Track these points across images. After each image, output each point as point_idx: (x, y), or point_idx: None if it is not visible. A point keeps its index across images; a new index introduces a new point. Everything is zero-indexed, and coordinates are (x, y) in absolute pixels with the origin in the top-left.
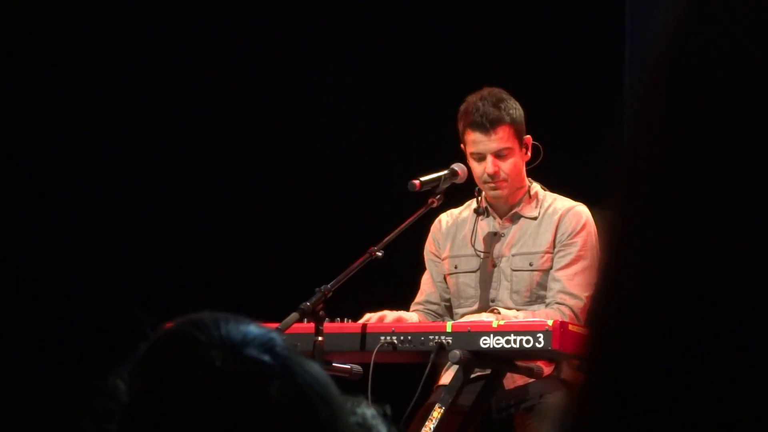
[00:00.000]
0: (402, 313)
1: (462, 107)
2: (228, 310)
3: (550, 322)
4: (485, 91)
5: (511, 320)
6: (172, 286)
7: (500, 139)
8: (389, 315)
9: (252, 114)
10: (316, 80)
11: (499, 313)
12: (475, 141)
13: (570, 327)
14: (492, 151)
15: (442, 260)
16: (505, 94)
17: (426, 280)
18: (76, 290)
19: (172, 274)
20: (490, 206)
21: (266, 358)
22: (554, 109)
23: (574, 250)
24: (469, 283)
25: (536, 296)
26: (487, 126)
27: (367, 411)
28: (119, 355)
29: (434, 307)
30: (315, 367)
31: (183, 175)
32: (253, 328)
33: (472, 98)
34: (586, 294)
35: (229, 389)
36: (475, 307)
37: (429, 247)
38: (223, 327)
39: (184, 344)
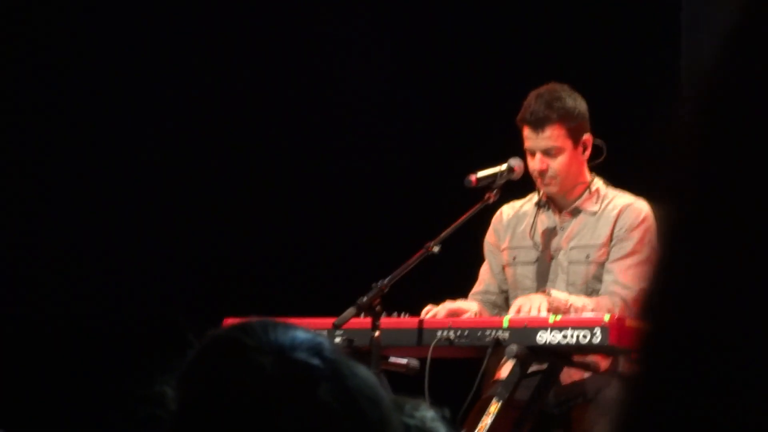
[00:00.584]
0: (461, 303)
1: (524, 101)
2: (286, 307)
3: (606, 318)
4: (545, 88)
5: (561, 304)
6: (230, 283)
7: (548, 138)
8: (447, 306)
9: (309, 106)
10: (375, 72)
11: (549, 294)
12: (527, 137)
13: (627, 322)
14: (540, 149)
15: (501, 251)
16: (566, 92)
17: (485, 271)
18: (114, 291)
19: (230, 272)
20: (551, 200)
21: (315, 361)
22: (618, 108)
23: (630, 244)
24: (526, 274)
25: (592, 289)
26: (537, 123)
27: (427, 414)
28: (164, 361)
29: (492, 297)
30: (364, 371)
31: (235, 169)
32: (301, 333)
33: (532, 93)
34: (639, 287)
35: (279, 393)
36: None
37: (489, 238)
38: (272, 332)
39: (234, 349)
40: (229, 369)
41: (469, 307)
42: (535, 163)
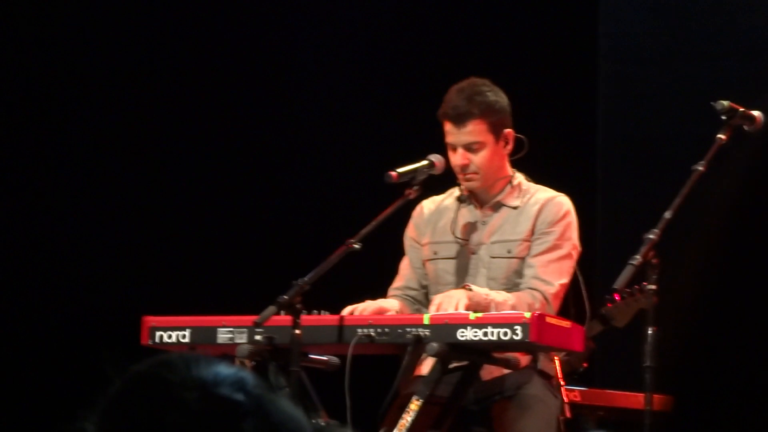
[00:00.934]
0: (381, 302)
1: (445, 96)
2: (207, 305)
3: (527, 315)
4: (466, 83)
5: (481, 299)
6: (149, 282)
7: (470, 133)
8: (369, 306)
9: (231, 108)
10: (294, 72)
11: (470, 289)
12: (448, 132)
13: (547, 319)
14: (462, 143)
15: (422, 246)
16: (487, 86)
17: (405, 266)
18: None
19: (148, 271)
20: (473, 195)
21: (239, 396)
22: (533, 102)
23: (551, 239)
24: (447, 269)
25: (513, 284)
26: (458, 118)
27: None
28: (84, 397)
29: (413, 293)
30: (288, 405)
31: (160, 169)
32: (224, 368)
33: (453, 88)
34: (560, 281)
35: (203, 429)
36: None
37: (409, 232)
38: (194, 367)
39: (157, 386)
40: (153, 405)
41: (390, 306)
42: (456, 158)
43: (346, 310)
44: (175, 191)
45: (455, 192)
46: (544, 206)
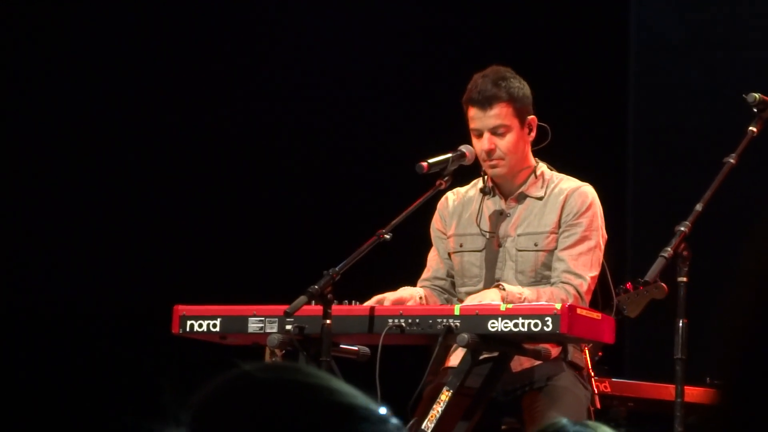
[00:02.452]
0: (404, 291)
1: (468, 84)
2: (238, 294)
3: (558, 306)
4: (489, 70)
5: (515, 299)
6: (181, 271)
7: (496, 116)
8: (390, 296)
9: (264, 96)
10: (327, 60)
11: (503, 289)
12: (473, 117)
13: (578, 311)
14: (488, 127)
15: (448, 238)
16: (509, 73)
17: (432, 257)
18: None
19: (179, 260)
20: (496, 186)
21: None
22: (564, 92)
23: (579, 231)
24: (473, 262)
25: (541, 276)
26: (483, 102)
27: None
28: (117, 387)
29: (441, 283)
30: None
31: (192, 160)
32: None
33: (476, 75)
34: (591, 274)
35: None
36: (480, 286)
37: (435, 224)
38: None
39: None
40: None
41: (411, 294)
42: (483, 143)
43: (372, 301)
44: (208, 181)
45: (478, 183)
46: (569, 197)
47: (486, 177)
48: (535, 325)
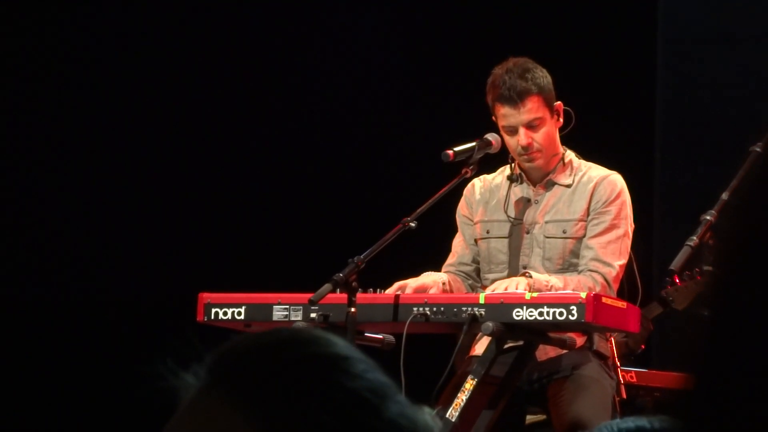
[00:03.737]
0: (425, 277)
1: (489, 80)
2: (263, 282)
3: (583, 295)
4: (510, 63)
5: (542, 286)
6: (206, 259)
7: (530, 110)
8: (411, 283)
9: (288, 85)
10: (351, 49)
11: (530, 276)
12: (505, 115)
13: (603, 300)
14: (523, 123)
15: (474, 224)
16: (531, 64)
17: (458, 242)
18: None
19: (207, 247)
20: (524, 173)
21: None
22: (593, 83)
23: (608, 219)
24: (500, 248)
25: (569, 264)
26: (515, 99)
27: None
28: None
29: (467, 269)
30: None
31: (219, 148)
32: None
33: (498, 71)
34: (619, 262)
35: None
36: (506, 273)
37: (461, 210)
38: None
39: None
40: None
41: (435, 280)
42: (520, 139)
43: (393, 288)
44: (234, 169)
45: (506, 170)
46: (598, 185)
47: (513, 164)
48: (560, 313)
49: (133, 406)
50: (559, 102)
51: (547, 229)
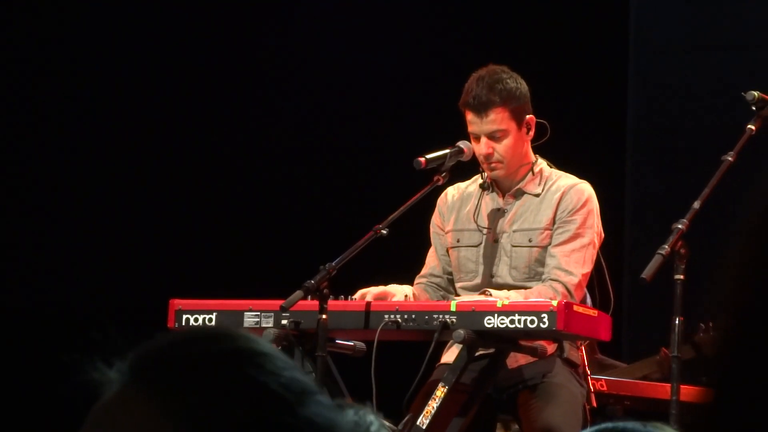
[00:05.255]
0: (390, 287)
1: (465, 85)
2: (234, 289)
3: (554, 303)
4: (485, 71)
5: (512, 300)
6: (177, 265)
7: (492, 121)
8: (373, 290)
9: (259, 91)
10: (322, 57)
11: (490, 295)
12: (470, 121)
13: (575, 308)
14: (485, 133)
15: (446, 233)
16: (506, 73)
17: (430, 254)
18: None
19: (178, 254)
20: (495, 182)
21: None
22: (564, 92)
23: (572, 228)
24: (470, 257)
25: (534, 272)
26: (480, 108)
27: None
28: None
29: (437, 280)
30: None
31: (188, 155)
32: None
33: (472, 77)
34: (582, 271)
35: None
36: (476, 281)
37: (435, 220)
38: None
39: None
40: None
41: (396, 291)
42: (480, 148)
43: (356, 295)
44: (205, 176)
45: (479, 179)
46: (564, 194)
47: (485, 173)
48: (532, 321)
49: (57, 402)
50: (531, 116)
51: (514, 238)
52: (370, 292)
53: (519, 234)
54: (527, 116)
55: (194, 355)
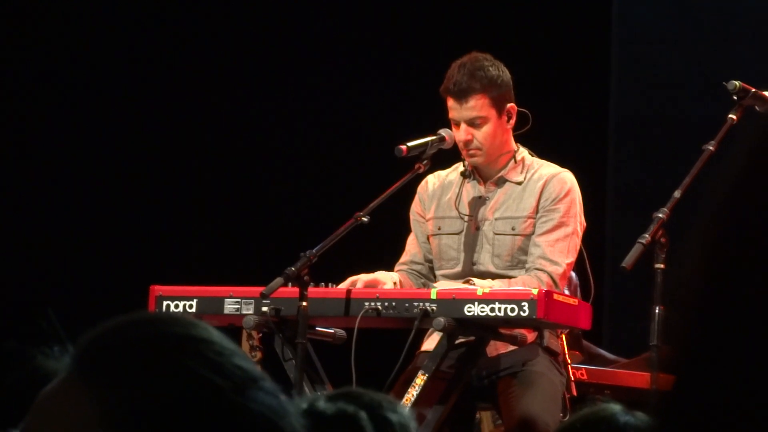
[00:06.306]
0: (379, 274)
1: (447, 72)
2: (214, 275)
3: (535, 291)
4: (467, 58)
5: (494, 288)
6: (158, 252)
7: (472, 108)
8: (363, 277)
9: (242, 79)
10: (304, 45)
11: (473, 284)
12: (451, 107)
13: (555, 296)
14: (465, 119)
15: (427, 221)
16: (488, 61)
17: (411, 241)
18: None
19: (158, 240)
20: (476, 170)
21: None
22: (546, 81)
23: (556, 216)
24: (451, 245)
25: (517, 261)
26: (460, 94)
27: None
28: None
29: (418, 267)
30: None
31: (169, 140)
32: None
33: (454, 64)
34: (567, 260)
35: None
36: (457, 269)
37: (415, 207)
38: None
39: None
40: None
41: (385, 279)
42: (460, 134)
43: (346, 282)
44: (186, 162)
45: (459, 167)
46: (547, 182)
47: (466, 161)
48: (512, 309)
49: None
50: (512, 104)
51: (496, 226)
52: (360, 280)
53: (501, 222)
54: (508, 104)
55: (128, 342)
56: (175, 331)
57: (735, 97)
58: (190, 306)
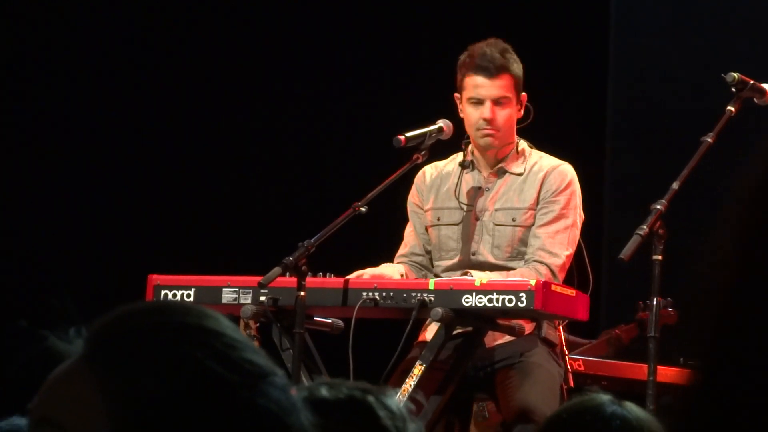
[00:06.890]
0: (385, 267)
1: (464, 54)
2: (212, 265)
3: (533, 282)
4: (491, 40)
5: (492, 279)
6: (157, 241)
7: (502, 86)
8: (369, 271)
9: (236, 70)
10: (302, 35)
11: (471, 276)
12: (476, 85)
13: (553, 287)
14: (492, 96)
15: (425, 212)
16: (509, 48)
17: (409, 232)
18: None
19: (157, 229)
20: (476, 160)
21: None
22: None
23: (556, 208)
24: (450, 235)
25: (517, 252)
26: (492, 71)
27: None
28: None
29: (419, 259)
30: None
31: (168, 131)
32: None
33: (477, 45)
34: (566, 252)
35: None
36: (456, 260)
37: (412, 198)
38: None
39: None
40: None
41: (393, 271)
42: (484, 111)
43: (352, 276)
44: (185, 152)
45: (458, 157)
46: (548, 174)
47: (466, 151)
48: (510, 300)
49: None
50: (524, 93)
51: (496, 217)
52: (367, 273)
53: (502, 213)
54: (522, 94)
55: (137, 330)
56: (185, 321)
57: (733, 89)
58: (188, 295)
